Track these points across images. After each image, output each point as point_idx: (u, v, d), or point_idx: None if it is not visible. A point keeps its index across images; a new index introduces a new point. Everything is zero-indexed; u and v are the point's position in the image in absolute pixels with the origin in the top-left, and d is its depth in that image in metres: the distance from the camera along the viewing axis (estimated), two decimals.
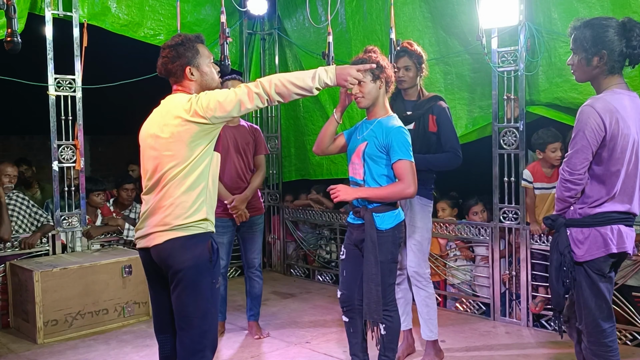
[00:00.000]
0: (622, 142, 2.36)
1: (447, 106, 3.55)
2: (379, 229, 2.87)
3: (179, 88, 2.53)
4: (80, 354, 3.85)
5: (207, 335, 2.43)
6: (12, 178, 4.58)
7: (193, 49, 2.50)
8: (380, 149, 2.88)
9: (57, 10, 4.54)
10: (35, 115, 5.51)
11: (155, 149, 2.44)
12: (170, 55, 2.48)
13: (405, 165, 2.84)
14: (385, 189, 2.87)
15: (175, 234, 2.39)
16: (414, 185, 2.85)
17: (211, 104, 2.35)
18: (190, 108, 2.36)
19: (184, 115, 2.37)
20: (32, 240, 4.46)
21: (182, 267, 2.37)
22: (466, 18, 4.29)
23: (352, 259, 3.05)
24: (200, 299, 2.41)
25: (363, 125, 3.04)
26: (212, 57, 2.60)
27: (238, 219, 3.95)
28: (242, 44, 5.83)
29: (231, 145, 3.97)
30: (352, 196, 2.88)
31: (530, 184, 4.19)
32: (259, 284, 4.13)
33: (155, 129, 2.46)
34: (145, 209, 2.48)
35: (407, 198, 2.94)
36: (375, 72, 2.89)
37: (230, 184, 3.96)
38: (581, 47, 2.45)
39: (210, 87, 2.55)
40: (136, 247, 2.56)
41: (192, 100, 2.39)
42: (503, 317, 4.36)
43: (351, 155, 3.03)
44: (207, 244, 2.44)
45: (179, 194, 2.39)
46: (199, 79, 2.52)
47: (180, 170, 2.39)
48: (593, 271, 2.43)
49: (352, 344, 3.08)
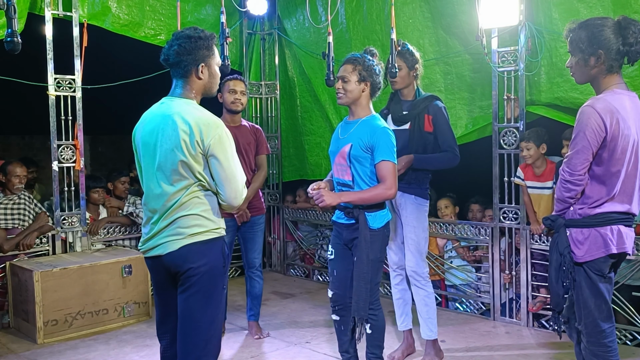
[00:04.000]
0: (623, 142, 2.36)
1: (444, 106, 3.54)
2: (372, 228, 2.89)
3: (183, 88, 2.40)
4: (80, 354, 3.85)
5: (212, 342, 2.38)
6: (22, 178, 4.59)
7: (210, 47, 2.40)
8: (365, 149, 2.88)
9: (57, 10, 4.53)
10: (35, 115, 5.52)
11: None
12: (187, 47, 2.34)
13: (388, 167, 2.85)
14: (368, 192, 2.87)
15: (191, 239, 2.34)
16: (395, 187, 2.86)
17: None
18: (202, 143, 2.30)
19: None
20: (29, 241, 4.46)
21: (197, 272, 2.32)
22: (466, 18, 4.29)
23: (341, 259, 3.07)
24: (211, 305, 2.37)
25: (344, 126, 3.04)
26: (220, 62, 2.52)
27: (239, 219, 3.95)
28: (242, 44, 5.83)
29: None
30: (336, 201, 2.88)
31: (523, 181, 4.19)
32: (260, 284, 4.13)
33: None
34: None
35: (388, 199, 2.96)
36: (362, 73, 2.91)
37: None
38: (578, 49, 2.45)
39: (211, 91, 2.49)
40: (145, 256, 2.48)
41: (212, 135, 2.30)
42: (503, 317, 4.36)
43: (335, 157, 3.02)
44: (220, 248, 2.41)
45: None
46: (206, 79, 2.43)
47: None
48: (593, 272, 2.42)
49: (343, 341, 3.12)
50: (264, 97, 5.98)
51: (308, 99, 5.68)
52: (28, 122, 7.67)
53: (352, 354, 3.12)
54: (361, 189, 2.91)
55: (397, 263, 3.63)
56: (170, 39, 2.42)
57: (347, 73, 2.93)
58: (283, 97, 5.94)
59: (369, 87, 2.95)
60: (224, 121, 4.02)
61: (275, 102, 5.97)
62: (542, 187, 4.14)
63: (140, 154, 2.45)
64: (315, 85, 5.49)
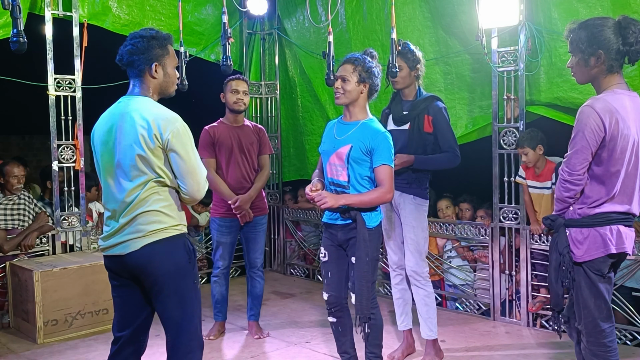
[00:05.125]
0: (622, 142, 2.35)
1: (444, 106, 3.53)
2: (369, 227, 2.90)
3: (140, 87, 2.45)
4: (80, 354, 3.85)
5: (195, 336, 2.45)
6: (20, 178, 4.59)
7: (164, 47, 2.44)
8: (365, 152, 2.89)
9: (57, 10, 4.54)
10: (35, 115, 5.51)
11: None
12: (140, 46, 2.40)
13: (388, 171, 2.88)
14: (368, 195, 2.88)
15: (152, 237, 2.36)
16: (392, 191, 2.90)
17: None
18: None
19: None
20: (30, 241, 4.45)
21: (163, 276, 2.35)
22: (466, 18, 4.29)
23: (335, 260, 3.06)
24: (186, 304, 2.40)
25: (342, 126, 3.02)
26: (177, 63, 2.54)
27: (242, 219, 3.96)
28: (242, 44, 5.83)
29: (235, 145, 3.98)
30: (338, 203, 2.87)
31: (524, 180, 4.19)
32: (261, 284, 4.13)
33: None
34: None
35: (385, 203, 2.99)
36: (362, 74, 2.91)
37: (234, 184, 3.96)
38: (578, 49, 2.45)
39: (168, 90, 2.51)
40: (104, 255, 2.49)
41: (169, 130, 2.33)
42: (503, 317, 4.36)
43: (329, 156, 3.00)
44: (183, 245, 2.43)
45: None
46: (161, 79, 2.45)
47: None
48: (592, 271, 2.42)
49: (342, 342, 3.12)
50: (264, 97, 5.99)
51: (308, 98, 5.68)
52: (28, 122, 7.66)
53: (352, 354, 3.13)
54: (356, 190, 2.92)
55: (397, 263, 3.63)
56: (125, 40, 2.48)
57: (347, 73, 2.92)
58: (283, 97, 5.94)
59: (367, 89, 2.96)
60: (227, 121, 4.06)
61: (275, 102, 5.97)
62: (541, 187, 4.14)
63: (99, 153, 2.47)
64: (316, 85, 5.49)
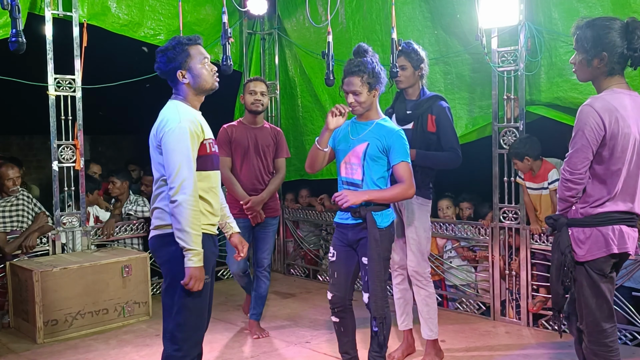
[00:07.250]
0: (623, 141, 2.35)
1: (448, 106, 3.54)
2: (380, 227, 2.91)
3: (174, 93, 2.61)
4: (80, 354, 3.85)
5: (182, 329, 2.49)
6: (16, 180, 4.58)
7: (183, 52, 2.53)
8: (382, 151, 2.94)
9: (57, 10, 4.53)
10: (35, 115, 5.51)
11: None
12: (162, 60, 2.55)
13: (406, 167, 2.94)
14: (391, 191, 2.93)
15: (156, 231, 2.56)
16: (414, 186, 2.96)
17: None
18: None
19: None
20: (31, 242, 4.44)
21: (162, 263, 2.57)
22: (466, 18, 4.28)
23: (344, 260, 3.07)
24: (175, 292, 2.48)
25: (356, 126, 3.05)
26: (207, 57, 2.60)
27: (253, 220, 3.97)
28: (242, 44, 5.83)
29: (251, 146, 4.00)
30: (360, 200, 2.89)
31: (523, 181, 4.20)
32: (266, 284, 4.12)
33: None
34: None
35: (408, 199, 3.01)
36: (371, 81, 2.94)
37: (248, 185, 3.99)
38: (582, 48, 2.44)
39: (204, 88, 2.59)
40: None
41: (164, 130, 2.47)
42: (503, 317, 4.36)
43: (345, 156, 3.03)
44: None
45: None
46: (191, 81, 2.56)
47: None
48: (594, 271, 2.42)
49: (343, 342, 3.12)
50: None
51: (308, 98, 5.68)
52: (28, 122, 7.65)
53: (353, 355, 3.12)
54: (369, 188, 2.95)
55: (399, 263, 3.63)
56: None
57: (357, 87, 2.94)
58: (283, 97, 5.94)
59: (378, 91, 3.01)
60: (246, 121, 4.09)
61: (276, 102, 5.97)
62: (538, 188, 4.15)
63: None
64: (316, 85, 5.49)
